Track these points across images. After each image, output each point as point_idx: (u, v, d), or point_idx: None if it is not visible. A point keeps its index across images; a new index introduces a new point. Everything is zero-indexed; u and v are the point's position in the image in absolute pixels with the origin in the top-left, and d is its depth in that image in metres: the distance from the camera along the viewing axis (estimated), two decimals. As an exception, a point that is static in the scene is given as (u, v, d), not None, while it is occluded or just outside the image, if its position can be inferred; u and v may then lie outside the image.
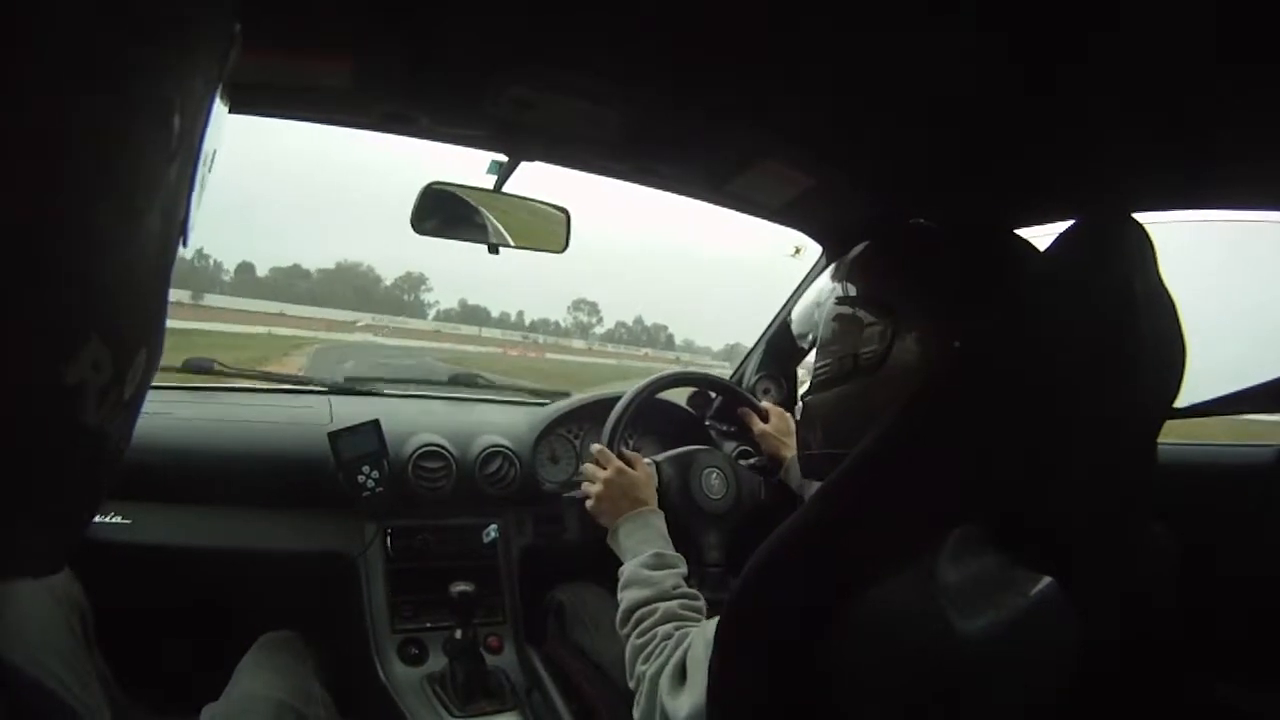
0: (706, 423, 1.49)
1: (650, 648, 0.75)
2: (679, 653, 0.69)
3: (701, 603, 0.83)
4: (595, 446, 1.07)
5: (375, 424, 1.27)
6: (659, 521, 0.95)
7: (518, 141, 0.98)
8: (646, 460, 1.09)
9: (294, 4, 0.68)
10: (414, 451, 1.32)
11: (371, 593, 1.29)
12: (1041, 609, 0.49)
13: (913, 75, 0.66)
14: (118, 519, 1.16)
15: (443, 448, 1.34)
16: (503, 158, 1.02)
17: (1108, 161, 0.73)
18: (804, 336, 0.75)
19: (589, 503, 1.00)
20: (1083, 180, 0.78)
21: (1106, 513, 0.55)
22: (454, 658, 1.21)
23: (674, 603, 0.81)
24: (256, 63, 0.80)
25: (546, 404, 1.58)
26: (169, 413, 1.32)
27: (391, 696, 1.19)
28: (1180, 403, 0.58)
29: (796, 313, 0.78)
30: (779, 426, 1.20)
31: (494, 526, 1.37)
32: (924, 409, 0.49)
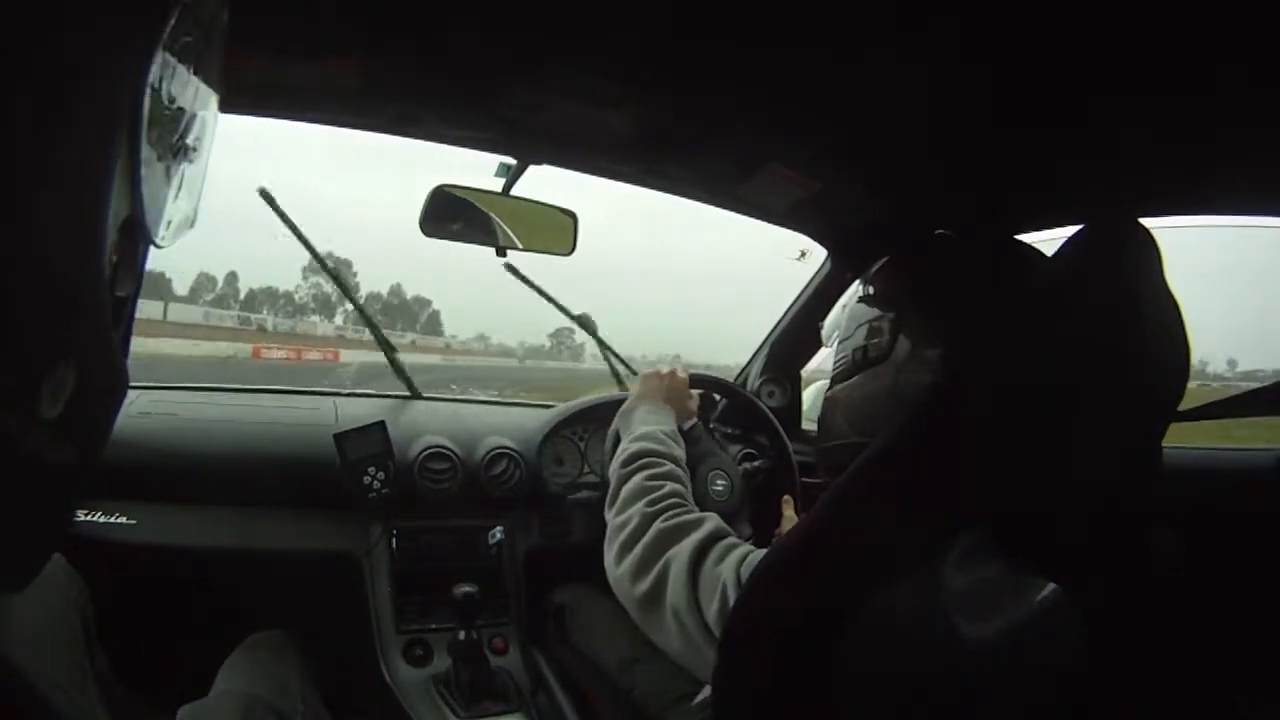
0: (711, 425, 1.50)
1: (659, 495, 0.73)
2: (699, 536, 0.65)
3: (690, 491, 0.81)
4: (681, 367, 1.07)
5: (381, 425, 1.27)
6: (675, 424, 0.95)
7: (526, 144, 0.99)
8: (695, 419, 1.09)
9: (304, 6, 0.69)
10: (420, 453, 1.32)
11: (376, 594, 1.29)
12: (1047, 614, 0.49)
13: (918, 79, 0.67)
14: (123, 519, 1.17)
15: (448, 449, 1.35)
16: (511, 160, 1.02)
17: (1113, 166, 0.74)
18: (829, 338, 0.77)
19: (643, 372, 1.01)
20: (1089, 185, 0.78)
21: (1112, 517, 0.55)
22: (459, 659, 1.21)
23: (679, 469, 0.80)
24: (267, 65, 0.80)
25: (552, 406, 1.58)
26: (174, 414, 1.33)
27: (396, 697, 1.20)
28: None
29: (828, 319, 0.80)
30: None
31: (499, 528, 1.38)
32: (929, 414, 0.49)
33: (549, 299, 1.51)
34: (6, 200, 0.20)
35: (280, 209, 1.29)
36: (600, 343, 1.66)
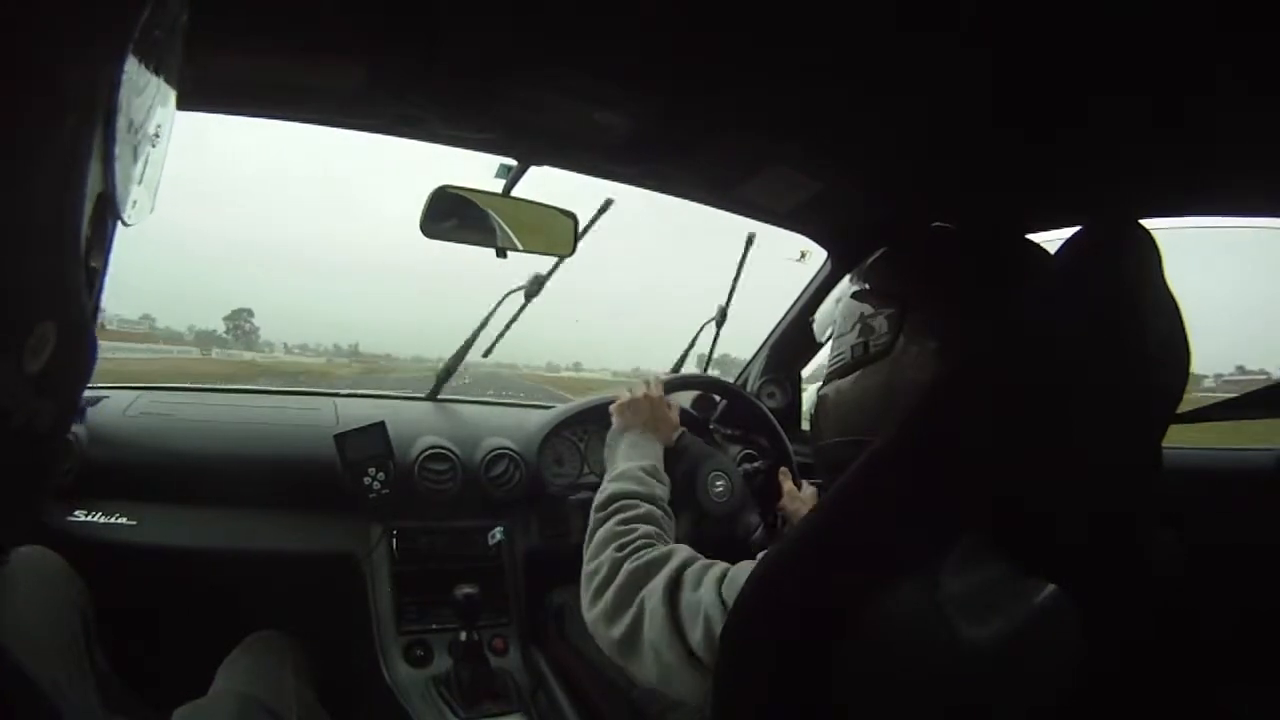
0: (710, 426, 1.50)
1: (629, 539, 0.73)
2: (669, 569, 0.65)
3: (674, 527, 0.81)
4: (654, 376, 1.06)
5: (381, 426, 1.27)
6: (661, 451, 0.94)
7: (527, 145, 0.99)
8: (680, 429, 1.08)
9: (307, 7, 0.69)
10: (420, 454, 1.32)
11: (377, 594, 1.29)
12: (1047, 616, 0.49)
13: (918, 80, 0.67)
14: (124, 520, 1.17)
15: (449, 450, 1.35)
16: (512, 162, 1.02)
17: (1113, 167, 0.74)
18: (823, 333, 0.76)
19: (615, 403, 1.00)
20: (1089, 185, 0.79)
21: (1112, 518, 0.55)
22: (459, 659, 1.21)
23: (657, 510, 0.80)
24: (268, 66, 0.81)
25: (551, 407, 1.58)
26: (175, 414, 1.33)
27: (396, 698, 1.20)
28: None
29: (819, 313, 0.79)
30: (808, 498, 1.21)
31: (500, 528, 1.38)
32: (929, 414, 0.49)
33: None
34: (7, 170, 0.23)
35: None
36: None
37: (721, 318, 1.67)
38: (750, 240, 1.52)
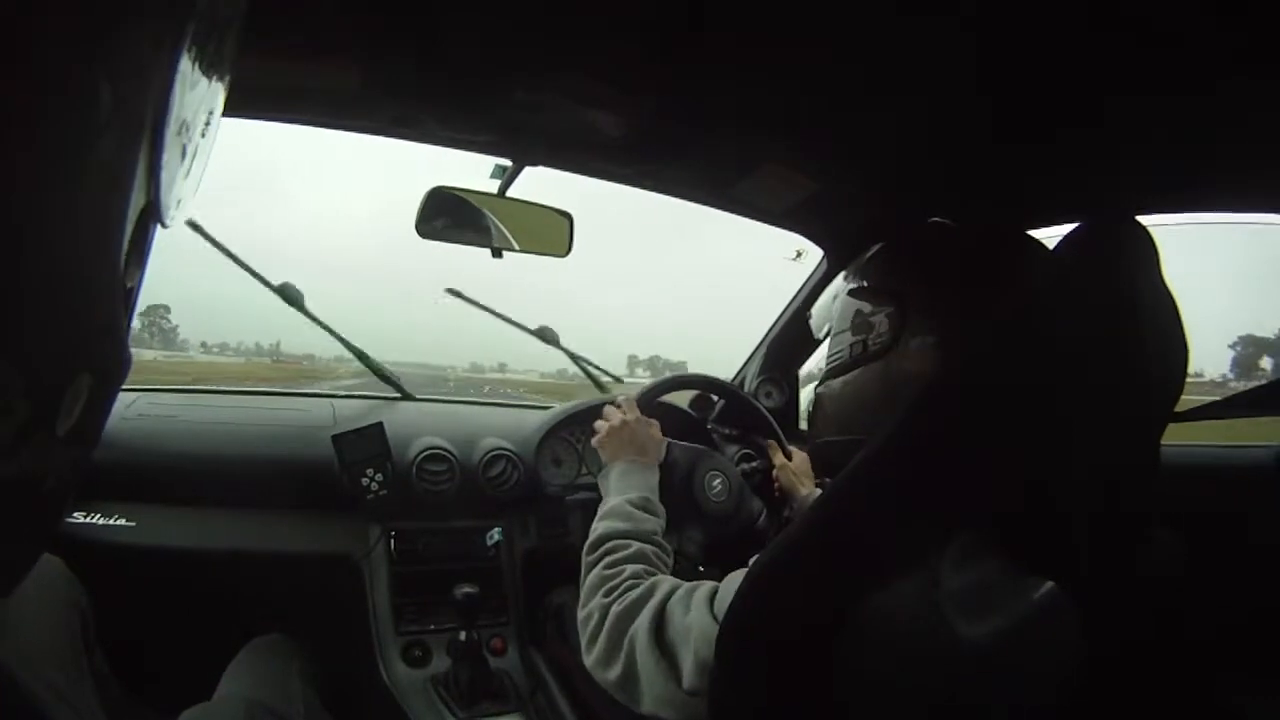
0: (709, 426, 1.50)
1: (616, 582, 0.74)
2: (653, 604, 0.66)
3: (671, 559, 0.81)
4: (624, 396, 1.06)
5: (379, 427, 1.27)
6: (654, 478, 0.93)
7: (522, 146, 0.99)
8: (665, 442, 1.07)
9: (303, 7, 0.69)
10: (418, 454, 1.32)
11: (375, 595, 1.29)
12: (1045, 614, 0.49)
13: (917, 80, 0.67)
14: (123, 521, 1.17)
15: (446, 451, 1.34)
16: (507, 162, 1.02)
17: (1113, 166, 0.74)
18: (820, 329, 0.76)
19: (595, 437, 0.99)
20: (1088, 184, 0.78)
21: (1110, 515, 0.55)
22: (457, 660, 1.21)
23: (648, 546, 0.79)
24: (264, 66, 0.80)
25: (549, 407, 1.58)
26: (174, 416, 1.33)
27: (395, 699, 1.20)
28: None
29: (815, 308, 0.79)
30: (800, 466, 1.21)
31: (498, 529, 1.38)
32: (927, 412, 0.49)
33: (502, 317, 1.53)
34: (54, 215, 0.20)
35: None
36: (571, 355, 1.63)
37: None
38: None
